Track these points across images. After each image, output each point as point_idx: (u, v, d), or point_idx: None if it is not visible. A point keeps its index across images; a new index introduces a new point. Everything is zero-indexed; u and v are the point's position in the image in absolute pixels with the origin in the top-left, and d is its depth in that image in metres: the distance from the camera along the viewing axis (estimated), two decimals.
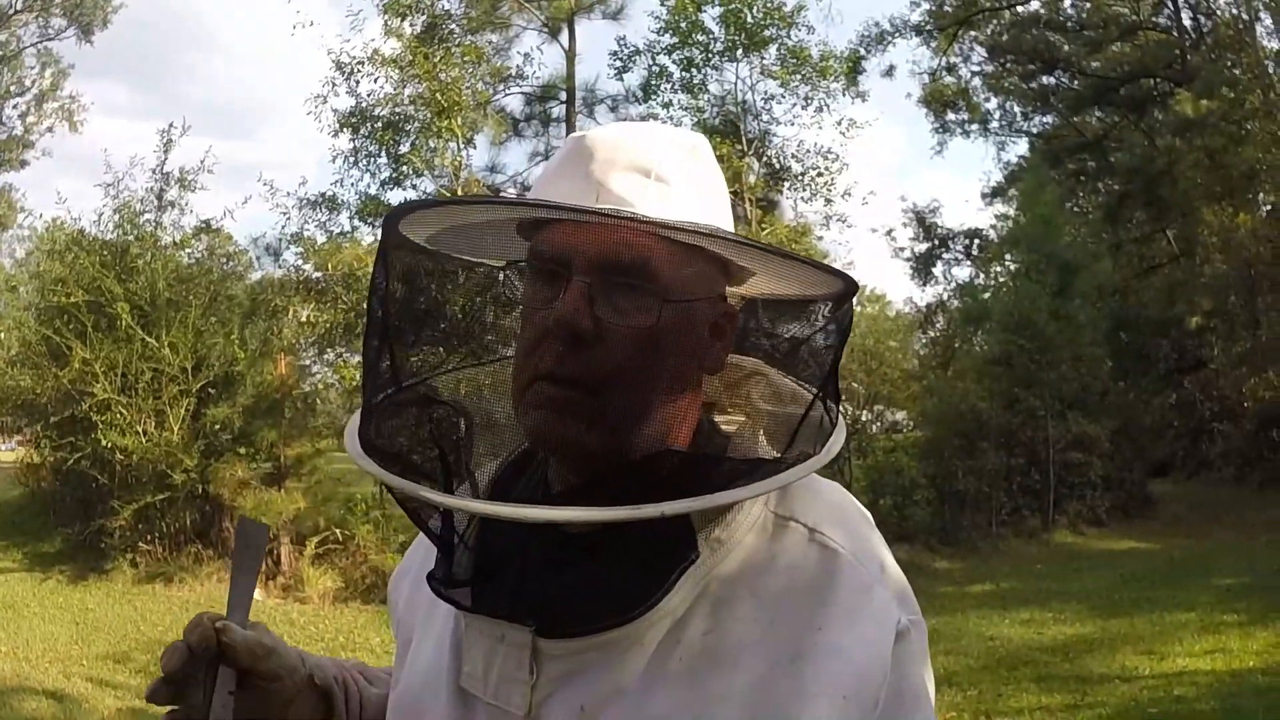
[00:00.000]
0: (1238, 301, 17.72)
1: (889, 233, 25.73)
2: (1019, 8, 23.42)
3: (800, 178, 16.71)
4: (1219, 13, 20.04)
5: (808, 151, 16.78)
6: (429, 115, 14.05)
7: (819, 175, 16.57)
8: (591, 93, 18.05)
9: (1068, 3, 23.55)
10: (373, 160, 15.31)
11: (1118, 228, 21.24)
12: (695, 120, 16.47)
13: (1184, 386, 17.89)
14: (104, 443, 11.36)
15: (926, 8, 23.29)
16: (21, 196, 24.02)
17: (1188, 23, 21.51)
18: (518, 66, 17.34)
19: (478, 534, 0.92)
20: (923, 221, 25.46)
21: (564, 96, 17.85)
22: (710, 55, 16.35)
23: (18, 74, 22.61)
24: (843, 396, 0.94)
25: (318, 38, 36.57)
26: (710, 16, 16.11)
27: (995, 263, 19.71)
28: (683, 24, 16.07)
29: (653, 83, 16.88)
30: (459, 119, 13.98)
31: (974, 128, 25.86)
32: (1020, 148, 25.96)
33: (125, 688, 7.93)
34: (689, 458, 0.90)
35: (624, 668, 0.85)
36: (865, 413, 16.81)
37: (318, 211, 15.55)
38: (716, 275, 0.92)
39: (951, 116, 25.83)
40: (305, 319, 14.19)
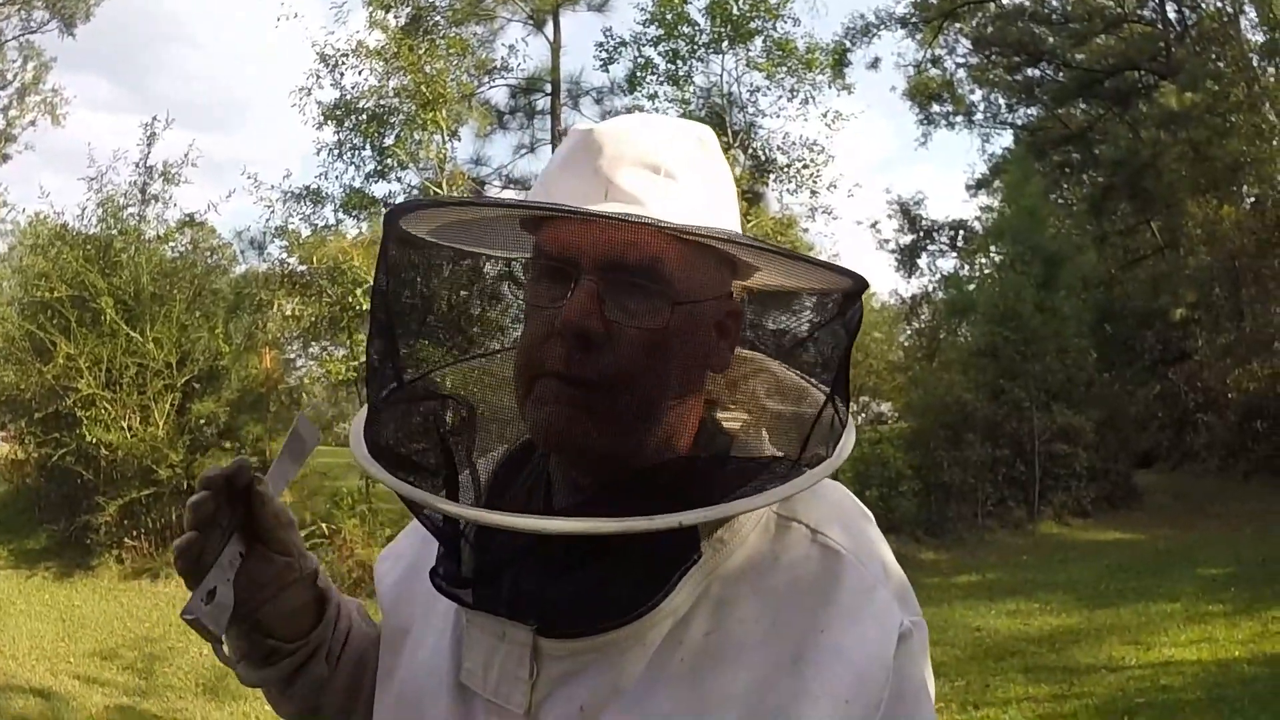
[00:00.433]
0: (1222, 293, 17.81)
1: (874, 225, 25.80)
2: (1004, 0, 23.45)
3: (786, 170, 16.70)
4: (1204, 6, 20.08)
5: (793, 144, 16.79)
6: (414, 108, 13.99)
7: (804, 167, 16.57)
8: (577, 85, 18.03)
9: None
10: (357, 153, 15.23)
11: (1102, 220, 21.32)
12: (681, 112, 16.44)
13: (1168, 378, 17.97)
14: (89, 438, 11.29)
15: (911, 0, 23.35)
16: (3, 191, 23.77)
17: (1172, 16, 21.57)
18: (502, 59, 17.30)
19: (481, 532, 0.92)
20: (907, 214, 25.48)
21: (549, 89, 17.81)
22: (696, 47, 16.30)
23: (0, 67, 22.40)
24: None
25: (301, 30, 36.28)
26: (696, 8, 16.09)
27: (980, 254, 19.79)
28: (668, 16, 16.01)
29: (638, 75, 16.81)
30: (444, 111, 13.92)
31: (958, 120, 25.91)
32: (1005, 140, 25.99)
33: (113, 685, 7.91)
34: (701, 462, 0.90)
35: (624, 668, 0.85)
36: (852, 404, 16.82)
37: (302, 205, 15.46)
38: (724, 272, 0.92)
39: (936, 108, 25.88)
40: (290, 313, 14.13)
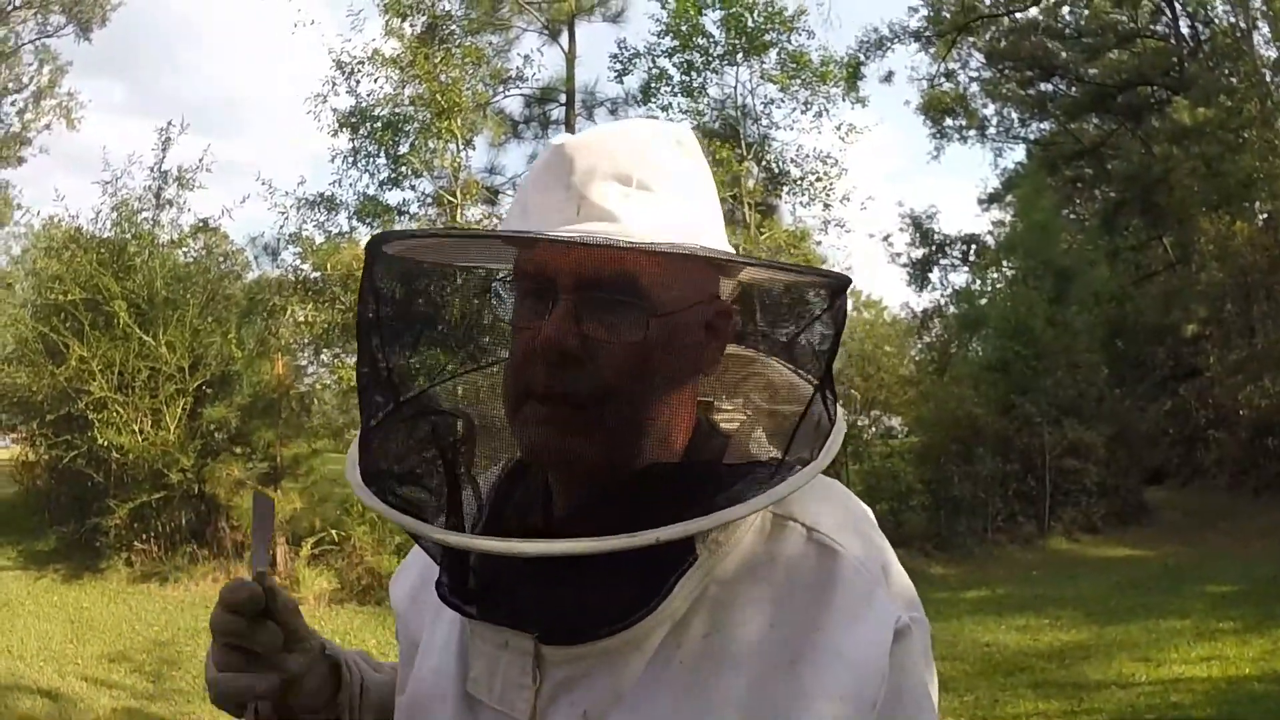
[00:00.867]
0: (1233, 309, 17.73)
1: (886, 238, 25.77)
2: (1018, 14, 23.44)
3: (799, 182, 16.71)
4: (1217, 21, 20.07)
5: (806, 156, 16.80)
6: (429, 116, 14.04)
7: (818, 180, 16.58)
8: (591, 95, 18.04)
9: (1066, 10, 23.60)
10: (371, 160, 15.29)
11: (1114, 235, 21.25)
12: (695, 124, 16.46)
13: (1179, 394, 17.87)
14: (100, 441, 11.32)
15: (925, 14, 23.36)
16: (18, 193, 23.92)
17: (1185, 31, 21.54)
18: (518, 68, 17.33)
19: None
20: (920, 227, 25.43)
21: (564, 99, 17.84)
22: (710, 59, 16.34)
23: (15, 70, 22.56)
24: (840, 399, 0.94)
25: (314, 37, 36.64)
26: (711, 20, 16.13)
27: (992, 269, 19.73)
28: (683, 27, 16.06)
29: (652, 85, 16.85)
30: (458, 120, 13.97)
31: (971, 133, 25.90)
32: (1017, 154, 26.06)
33: (121, 687, 7.91)
34: (690, 470, 0.90)
35: (625, 672, 0.86)
36: (863, 418, 16.79)
37: (316, 211, 15.52)
38: (708, 277, 0.92)
39: (949, 122, 25.87)
40: (303, 319, 14.18)
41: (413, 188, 15.63)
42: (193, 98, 52.52)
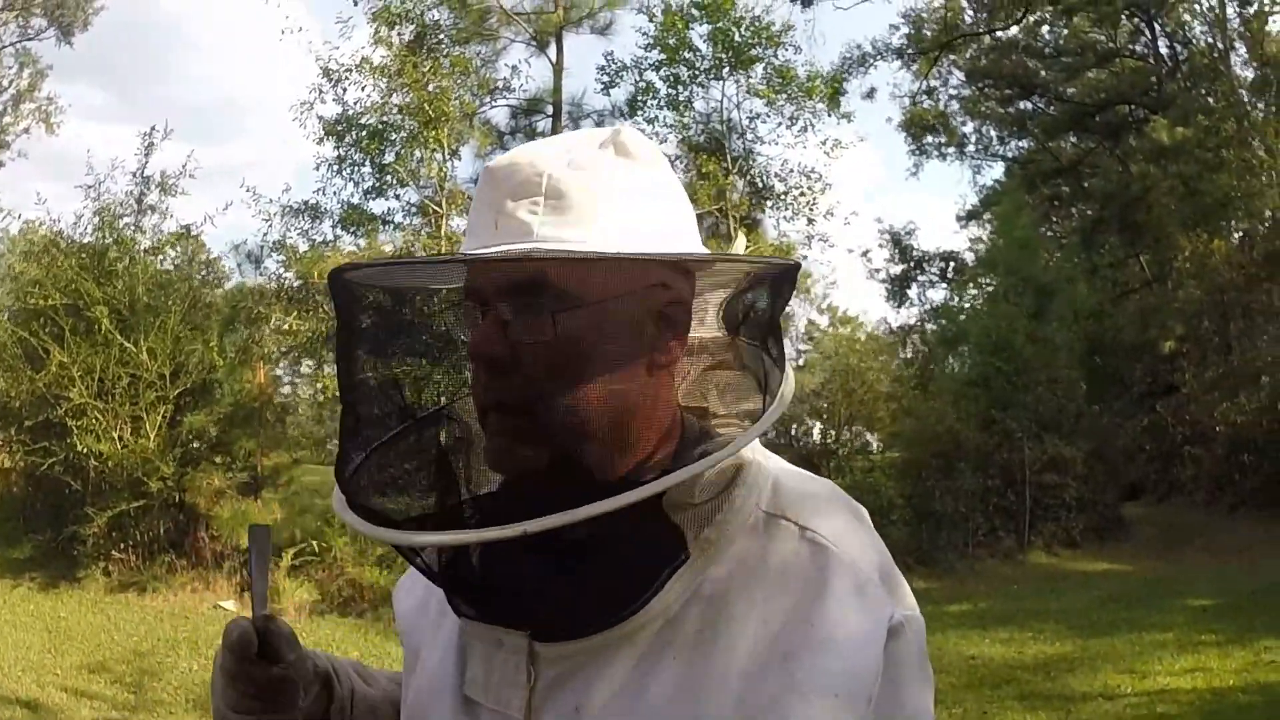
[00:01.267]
0: (1210, 327, 17.93)
1: (865, 254, 25.95)
2: (998, 33, 23.70)
3: (783, 197, 16.80)
4: (1195, 41, 20.38)
5: (791, 171, 16.91)
6: (415, 125, 14.01)
7: (801, 194, 16.67)
8: (578, 107, 18.08)
9: (1046, 29, 23.90)
10: (356, 169, 15.22)
11: (1092, 252, 21.48)
12: (680, 137, 16.56)
13: (1156, 410, 18.03)
14: (79, 448, 11.18)
15: (907, 31, 23.60)
16: None
17: (1164, 51, 21.87)
18: (505, 79, 17.34)
19: (477, 548, 0.93)
20: (899, 243, 25.61)
21: (550, 110, 17.87)
22: (697, 73, 16.43)
23: None
24: (822, 415, 0.96)
25: (301, 44, 36.39)
26: (698, 34, 16.22)
27: (971, 285, 19.89)
28: (670, 41, 16.13)
29: (639, 98, 16.91)
30: (445, 130, 13.95)
31: (950, 151, 26.15)
32: (996, 171, 26.26)
33: (101, 698, 7.83)
34: (596, 462, 0.88)
35: (617, 669, 0.87)
36: (845, 431, 16.87)
37: (300, 220, 15.42)
38: (642, 270, 0.90)
39: (929, 139, 26.10)
40: (286, 328, 14.09)
41: (397, 197, 15.59)
42: (178, 104, 52.26)
